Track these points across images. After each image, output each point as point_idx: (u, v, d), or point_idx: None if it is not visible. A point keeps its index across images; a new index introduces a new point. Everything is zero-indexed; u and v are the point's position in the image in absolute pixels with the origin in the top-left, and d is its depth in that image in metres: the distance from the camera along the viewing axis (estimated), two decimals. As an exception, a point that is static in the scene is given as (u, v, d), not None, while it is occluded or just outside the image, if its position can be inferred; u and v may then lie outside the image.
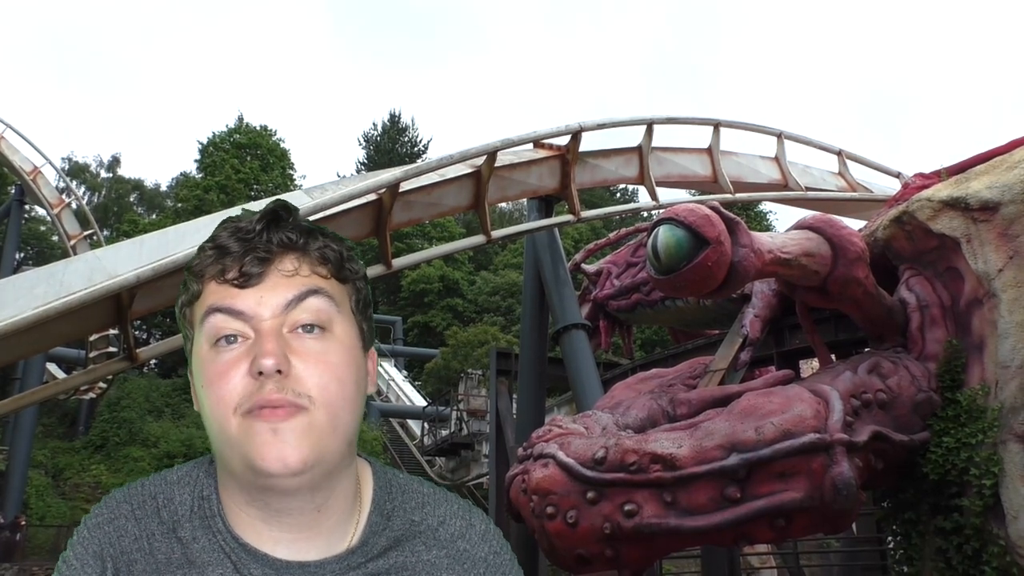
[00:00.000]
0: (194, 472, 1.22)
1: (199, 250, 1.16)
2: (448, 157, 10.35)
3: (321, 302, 1.13)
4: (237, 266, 1.12)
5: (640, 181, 12.79)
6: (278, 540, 1.14)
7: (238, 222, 1.15)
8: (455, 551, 1.22)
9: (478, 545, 1.25)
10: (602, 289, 11.29)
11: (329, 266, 1.16)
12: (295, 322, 1.11)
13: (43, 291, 7.80)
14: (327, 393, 1.09)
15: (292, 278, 1.13)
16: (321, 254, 1.16)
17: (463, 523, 1.26)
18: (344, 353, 1.14)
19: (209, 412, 1.09)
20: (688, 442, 5.43)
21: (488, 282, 46.61)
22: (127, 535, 1.14)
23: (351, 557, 1.16)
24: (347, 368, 1.13)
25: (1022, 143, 6.82)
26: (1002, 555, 5.65)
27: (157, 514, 1.16)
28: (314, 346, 1.11)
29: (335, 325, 1.14)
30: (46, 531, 26.56)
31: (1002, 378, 5.90)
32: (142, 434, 31.67)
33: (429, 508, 1.26)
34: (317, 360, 1.10)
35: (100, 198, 54.80)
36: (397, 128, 59.95)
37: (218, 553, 1.13)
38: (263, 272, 1.12)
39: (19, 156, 28.71)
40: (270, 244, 1.13)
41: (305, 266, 1.15)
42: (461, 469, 29.35)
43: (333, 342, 1.13)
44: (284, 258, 1.14)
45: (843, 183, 15.41)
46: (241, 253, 1.12)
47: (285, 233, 1.14)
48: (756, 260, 5.51)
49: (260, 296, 1.11)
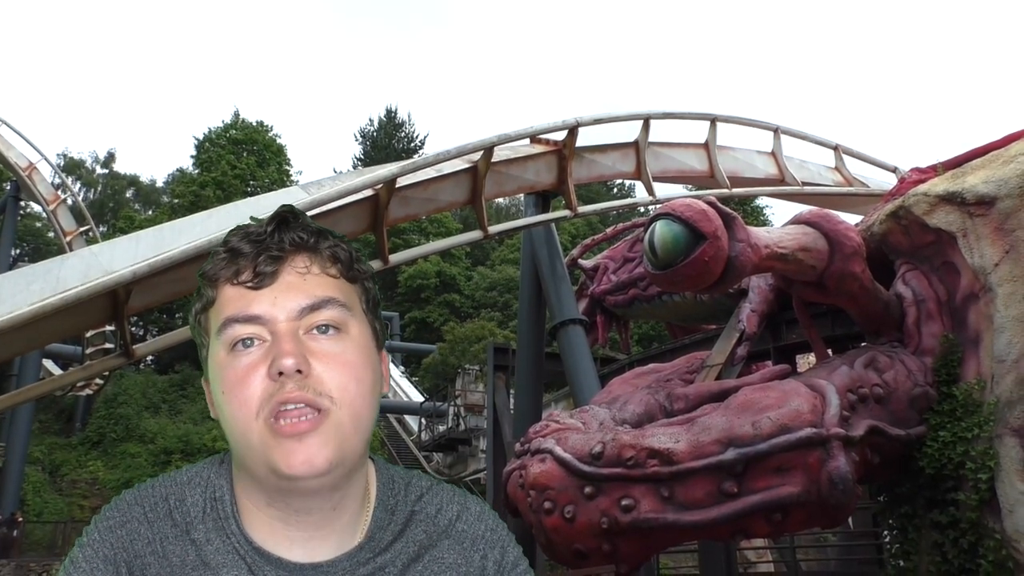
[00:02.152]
0: (204, 473, 1.22)
1: (212, 255, 1.17)
2: (445, 152, 10.34)
3: (335, 310, 1.14)
4: (251, 267, 1.13)
5: (637, 176, 12.80)
6: (293, 540, 1.15)
7: (248, 227, 1.17)
8: (454, 533, 1.26)
9: (475, 524, 1.28)
10: (599, 284, 11.27)
11: (339, 265, 1.18)
12: (311, 323, 1.12)
13: (39, 287, 7.79)
14: (347, 393, 1.10)
15: (305, 277, 1.14)
16: (332, 253, 1.17)
17: (459, 507, 1.29)
18: (361, 353, 1.15)
19: (230, 418, 1.10)
20: (685, 437, 5.44)
21: (485, 278, 46.61)
22: (140, 539, 1.14)
23: (359, 554, 1.18)
24: (365, 368, 1.14)
25: (1018, 137, 6.82)
26: (998, 549, 5.67)
27: (170, 516, 1.17)
28: (331, 347, 1.12)
29: (350, 326, 1.15)
30: (43, 527, 26.58)
31: (998, 372, 5.91)
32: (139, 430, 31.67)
33: (427, 498, 1.28)
34: (335, 360, 1.11)
35: (96, 194, 54.65)
36: (393, 123, 59.84)
37: (232, 555, 1.14)
38: (276, 271, 1.13)
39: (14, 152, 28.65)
40: (282, 244, 1.14)
41: (316, 265, 1.16)
42: (458, 464, 29.38)
43: (349, 342, 1.14)
44: (296, 257, 1.15)
45: (840, 178, 15.43)
46: (254, 254, 1.13)
47: (296, 233, 1.15)
48: (753, 255, 5.51)
49: (275, 297, 1.12)
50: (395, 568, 1.18)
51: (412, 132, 59.86)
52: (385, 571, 1.18)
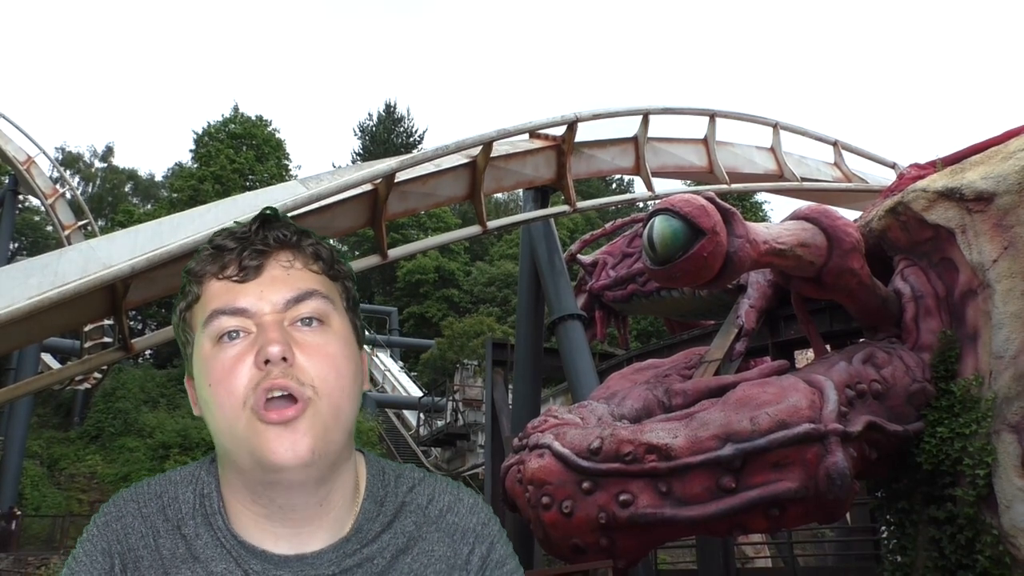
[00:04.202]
0: (197, 471, 1.26)
1: (197, 253, 1.21)
2: (444, 147, 10.32)
3: (318, 302, 1.17)
4: (237, 261, 1.16)
5: (636, 171, 12.78)
6: (279, 535, 1.17)
7: (231, 228, 1.21)
8: (444, 524, 1.26)
9: (466, 517, 1.29)
10: (598, 279, 11.28)
11: (321, 263, 1.21)
12: (296, 315, 1.15)
13: (37, 281, 7.78)
14: (327, 384, 1.12)
15: (289, 271, 1.17)
16: (314, 251, 1.21)
17: (451, 498, 1.30)
18: (342, 346, 1.17)
19: (217, 409, 1.12)
20: (683, 432, 5.44)
21: (484, 272, 46.56)
22: (134, 532, 1.19)
23: (346, 545, 1.19)
24: (345, 360, 1.17)
25: (1017, 134, 6.82)
26: (995, 544, 5.69)
27: (162, 512, 1.21)
28: (314, 338, 1.15)
29: (332, 319, 1.18)
30: (41, 521, 26.55)
31: (996, 368, 5.92)
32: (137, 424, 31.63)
33: (419, 488, 1.29)
34: (317, 351, 1.14)
35: (94, 188, 54.57)
36: (393, 118, 59.76)
37: (219, 549, 1.17)
38: (261, 265, 1.16)
39: (12, 146, 28.55)
40: (266, 239, 1.18)
41: (299, 261, 1.19)
42: (457, 459, 29.43)
43: (331, 335, 1.17)
44: (280, 252, 1.19)
45: (839, 173, 15.41)
46: (239, 249, 1.16)
47: (279, 231, 1.19)
48: (751, 250, 5.51)
49: (260, 291, 1.15)
50: (383, 559, 1.19)
51: (411, 127, 59.83)
52: (373, 562, 1.19)
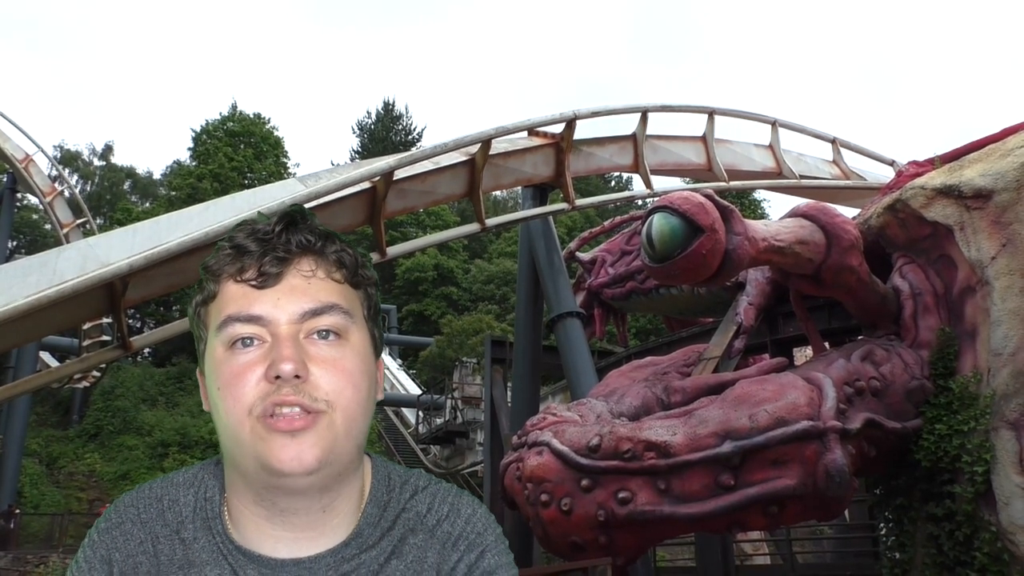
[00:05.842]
0: (200, 474, 1.25)
1: (216, 249, 1.17)
2: (442, 145, 10.32)
3: (337, 316, 1.14)
4: (256, 266, 1.12)
5: (635, 169, 12.78)
6: (280, 539, 1.16)
7: (255, 224, 1.16)
8: (439, 534, 1.24)
9: (461, 526, 1.26)
10: (596, 277, 11.28)
11: (344, 271, 1.17)
12: (312, 328, 1.12)
13: (36, 279, 7.78)
14: (343, 398, 1.10)
15: (310, 280, 1.14)
16: (338, 258, 1.17)
17: (449, 508, 1.28)
18: (358, 360, 1.15)
19: (224, 413, 1.10)
20: (682, 430, 5.45)
21: (483, 270, 46.56)
22: (132, 539, 1.18)
23: (345, 549, 1.17)
24: (362, 376, 1.14)
25: (1015, 131, 6.82)
26: (993, 541, 5.69)
27: (162, 516, 1.20)
28: (331, 352, 1.12)
29: (351, 333, 1.15)
30: (40, 520, 26.54)
31: (994, 365, 5.92)
32: (136, 422, 31.65)
33: (420, 496, 1.27)
34: (333, 366, 1.11)
35: (93, 186, 54.44)
36: (391, 116, 59.70)
37: (216, 553, 1.16)
38: (281, 273, 1.13)
39: (11, 144, 28.50)
40: (289, 245, 1.14)
41: (321, 269, 1.16)
42: (456, 457, 29.45)
43: (348, 349, 1.14)
44: (302, 259, 1.15)
45: (837, 171, 15.43)
46: (260, 253, 1.13)
47: (304, 235, 1.15)
48: (750, 248, 5.51)
49: (277, 299, 1.12)
50: (376, 564, 1.17)
51: (410, 125, 59.76)
52: (368, 568, 1.17)
